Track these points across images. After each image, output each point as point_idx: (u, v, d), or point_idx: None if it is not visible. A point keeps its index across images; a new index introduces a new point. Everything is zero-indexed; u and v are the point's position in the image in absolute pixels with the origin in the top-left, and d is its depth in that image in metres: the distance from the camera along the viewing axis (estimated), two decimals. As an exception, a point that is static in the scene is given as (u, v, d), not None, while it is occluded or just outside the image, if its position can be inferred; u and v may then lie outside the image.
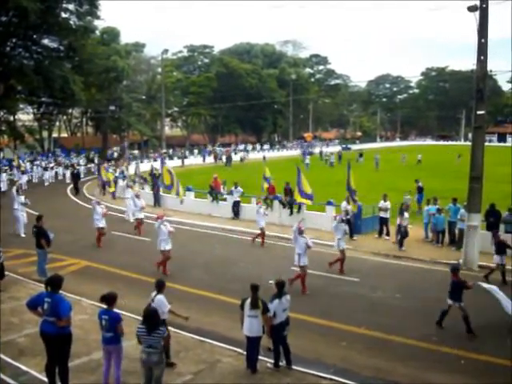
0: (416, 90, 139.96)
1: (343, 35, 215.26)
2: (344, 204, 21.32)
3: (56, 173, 45.59)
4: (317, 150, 74.79)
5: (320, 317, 12.51)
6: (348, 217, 20.16)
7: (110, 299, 8.54)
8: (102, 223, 19.71)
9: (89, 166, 54.32)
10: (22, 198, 22.10)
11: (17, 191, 22.36)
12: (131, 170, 43.39)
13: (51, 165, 45.99)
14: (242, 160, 65.63)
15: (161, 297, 9.37)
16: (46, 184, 41.46)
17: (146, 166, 52.97)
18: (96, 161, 55.62)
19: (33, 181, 41.55)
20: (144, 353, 7.97)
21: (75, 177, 38.26)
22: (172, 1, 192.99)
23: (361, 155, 57.63)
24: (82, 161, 54.07)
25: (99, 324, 8.53)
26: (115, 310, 8.62)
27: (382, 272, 16.98)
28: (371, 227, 22.54)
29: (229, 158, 60.74)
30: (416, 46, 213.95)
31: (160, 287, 9.51)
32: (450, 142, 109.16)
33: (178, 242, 20.97)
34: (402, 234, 19.51)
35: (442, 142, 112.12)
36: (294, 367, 9.69)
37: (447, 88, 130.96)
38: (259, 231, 20.52)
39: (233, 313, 10.21)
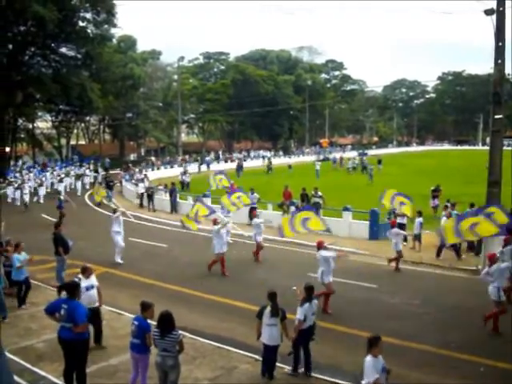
0: (433, 95, 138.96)
1: (359, 40, 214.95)
2: (444, 220, 19.20)
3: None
4: (332, 156, 74.25)
5: (337, 323, 12.44)
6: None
7: (143, 306, 8.50)
8: (226, 247, 17.47)
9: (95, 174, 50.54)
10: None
11: (114, 211, 19.65)
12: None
13: (62, 175, 43.76)
14: (290, 167, 57.86)
15: (369, 359, 7.19)
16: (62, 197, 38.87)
17: (162, 173, 53.52)
18: (100, 170, 54.43)
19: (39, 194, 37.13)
20: (159, 356, 8.01)
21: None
22: (187, 8, 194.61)
23: (379, 162, 56.81)
24: (89, 170, 53.12)
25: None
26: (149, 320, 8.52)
27: (400, 278, 16.86)
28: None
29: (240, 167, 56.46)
30: (432, 50, 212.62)
31: (370, 345, 7.31)
32: (467, 147, 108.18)
33: (193, 249, 21.11)
34: None
35: (459, 147, 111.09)
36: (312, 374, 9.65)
37: (464, 92, 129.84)
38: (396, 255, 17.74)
39: (250, 319, 10.18)
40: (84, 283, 10.46)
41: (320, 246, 13.50)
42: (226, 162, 70.66)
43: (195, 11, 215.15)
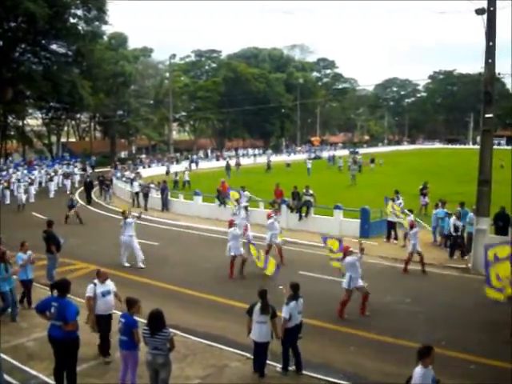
0: (424, 94, 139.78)
1: (350, 39, 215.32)
2: (453, 219, 19.03)
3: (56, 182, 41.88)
4: (327, 154, 74.32)
5: (328, 321, 12.45)
6: (458, 233, 18.89)
7: (129, 303, 8.57)
8: (241, 249, 16.66)
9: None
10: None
11: (123, 213, 18.51)
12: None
13: (52, 174, 43.38)
14: (288, 165, 58.36)
15: (419, 370, 6.71)
16: (51, 196, 38.28)
17: (153, 171, 53.35)
18: (88, 168, 54.14)
19: (30, 192, 36.22)
20: (149, 354, 7.99)
21: (88, 186, 35.80)
22: (179, 5, 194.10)
23: (372, 161, 56.75)
24: (77, 169, 52.74)
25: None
26: (135, 316, 8.58)
27: (391, 276, 16.90)
28: (379, 231, 22.46)
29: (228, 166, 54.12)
30: (423, 49, 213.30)
31: (421, 356, 6.81)
32: (458, 146, 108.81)
33: (185, 247, 21.08)
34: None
35: (450, 146, 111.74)
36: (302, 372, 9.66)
37: (455, 91, 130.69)
38: (408, 256, 17.29)
39: (241, 317, 10.17)
40: (100, 288, 9.99)
41: (346, 253, 12.97)
42: (217, 160, 70.49)
43: (187, 9, 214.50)
